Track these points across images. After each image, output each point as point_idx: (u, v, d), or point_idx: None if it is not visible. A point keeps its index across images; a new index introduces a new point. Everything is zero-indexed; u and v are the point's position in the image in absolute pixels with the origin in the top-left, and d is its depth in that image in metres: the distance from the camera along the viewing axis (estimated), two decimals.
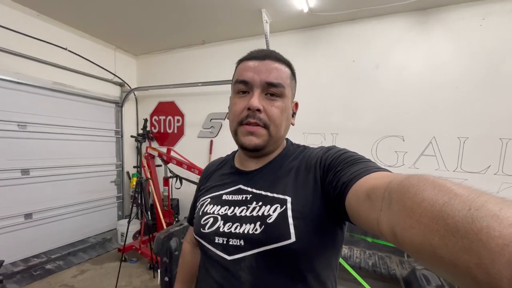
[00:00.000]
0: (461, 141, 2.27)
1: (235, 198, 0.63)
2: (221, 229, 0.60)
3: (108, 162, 3.48)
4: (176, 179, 2.61)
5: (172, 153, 2.75)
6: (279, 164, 0.64)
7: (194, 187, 0.94)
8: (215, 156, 3.28)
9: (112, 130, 3.56)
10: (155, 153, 2.76)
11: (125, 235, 2.40)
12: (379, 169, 0.46)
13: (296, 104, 0.70)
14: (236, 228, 0.58)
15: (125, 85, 3.65)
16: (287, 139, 0.71)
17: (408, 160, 2.45)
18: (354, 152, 0.55)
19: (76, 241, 3.08)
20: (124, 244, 2.52)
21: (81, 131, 3.10)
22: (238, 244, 0.57)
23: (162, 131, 3.63)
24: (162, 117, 3.63)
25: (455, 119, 2.29)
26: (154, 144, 3.66)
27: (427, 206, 0.27)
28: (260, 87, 0.59)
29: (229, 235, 0.58)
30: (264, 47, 2.74)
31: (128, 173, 3.65)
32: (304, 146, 0.69)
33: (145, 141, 2.69)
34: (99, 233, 3.37)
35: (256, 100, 0.58)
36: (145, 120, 2.77)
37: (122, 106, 3.61)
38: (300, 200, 0.55)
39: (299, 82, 2.83)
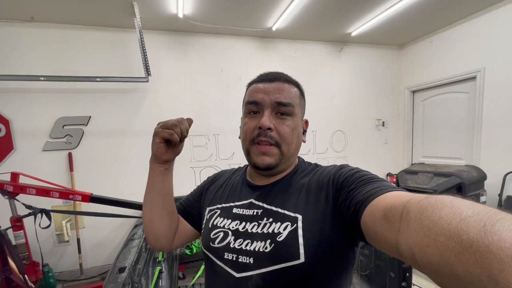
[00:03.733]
0: (314, 133, 3.48)
1: (246, 213, 0.63)
2: (231, 245, 0.59)
3: None
4: (42, 215, 1.87)
5: (23, 179, 1.91)
6: (291, 181, 0.65)
7: None
8: (80, 173, 2.64)
9: None
10: None
11: None
12: (394, 188, 0.46)
13: (306, 122, 0.71)
14: (247, 245, 0.57)
15: None
16: (299, 157, 0.72)
17: None
18: (367, 171, 0.56)
19: None
20: None
21: None
22: (247, 261, 0.56)
23: None
24: None
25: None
26: None
27: (444, 224, 0.27)
28: (270, 107, 0.62)
29: (239, 252, 0.58)
30: (136, 42, 2.56)
31: None
32: (315, 164, 0.70)
33: None
34: None
35: (267, 119, 0.60)
36: None
37: None
38: (311, 219, 0.55)
39: (174, 85, 3.08)
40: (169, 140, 0.61)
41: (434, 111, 3.49)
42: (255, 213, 0.61)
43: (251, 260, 0.56)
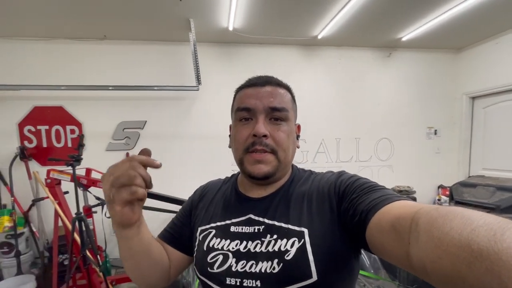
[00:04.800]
0: (337, 141, 3.40)
1: (246, 231, 0.57)
2: (233, 268, 0.53)
3: None
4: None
5: (94, 174, 2.20)
6: (289, 191, 0.60)
7: None
8: None
9: None
10: (66, 178, 2.11)
11: None
12: (399, 197, 0.44)
13: (299, 127, 0.68)
14: (251, 266, 0.52)
15: None
16: (292, 164, 0.68)
17: (310, 157, 3.33)
18: (366, 179, 0.54)
19: None
20: None
21: None
22: (254, 285, 0.51)
23: (45, 145, 2.69)
24: (43, 127, 2.68)
25: (332, 125, 3.37)
26: (33, 165, 2.65)
27: (455, 235, 0.27)
28: (264, 112, 0.58)
29: (244, 275, 0.52)
30: (189, 55, 2.75)
31: None
32: (310, 171, 0.67)
33: (78, 163, 1.96)
34: None
35: (261, 126, 0.56)
36: (81, 137, 1.99)
37: None
38: (318, 232, 0.52)
39: (221, 93, 3.18)
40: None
41: (497, 119, 3.15)
42: (256, 230, 0.56)
43: (258, 283, 0.51)
